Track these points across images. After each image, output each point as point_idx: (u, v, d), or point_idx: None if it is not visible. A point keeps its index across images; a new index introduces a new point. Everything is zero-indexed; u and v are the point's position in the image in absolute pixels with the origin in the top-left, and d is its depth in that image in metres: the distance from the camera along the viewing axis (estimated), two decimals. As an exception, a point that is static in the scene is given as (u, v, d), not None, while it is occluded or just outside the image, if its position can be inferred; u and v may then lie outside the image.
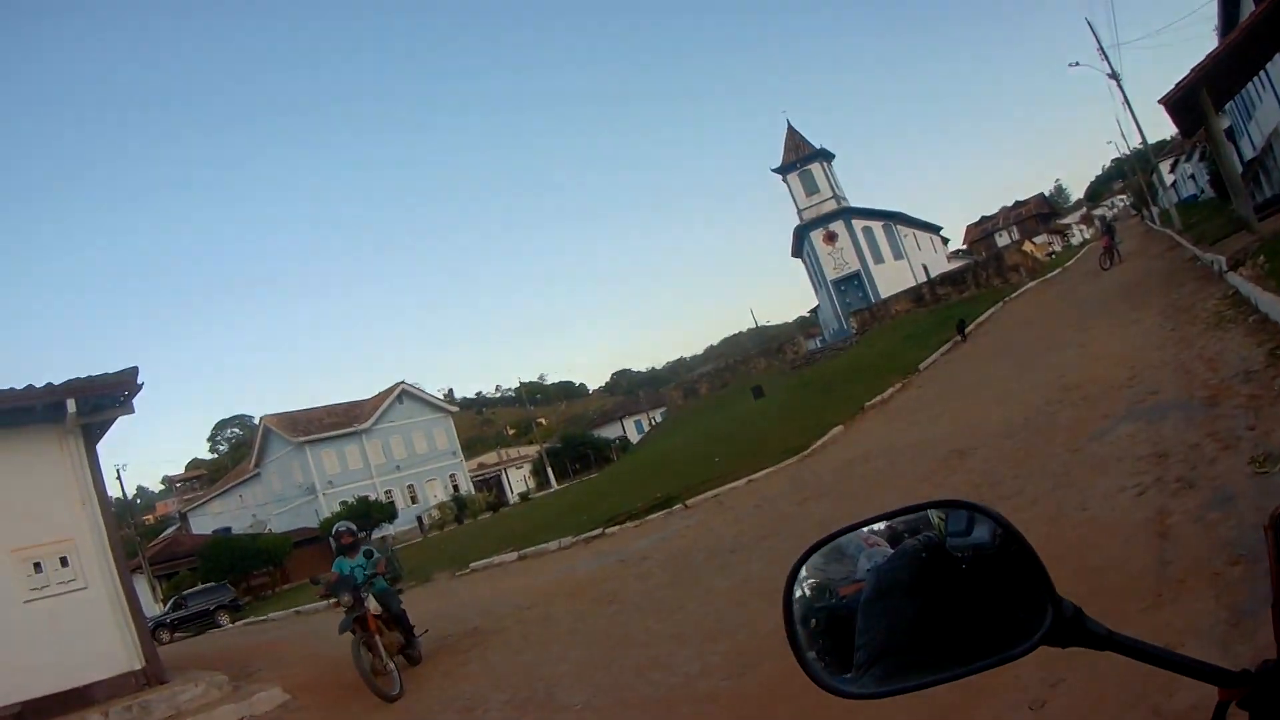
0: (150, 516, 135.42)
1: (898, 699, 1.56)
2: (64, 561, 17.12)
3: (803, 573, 1.82)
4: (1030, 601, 1.48)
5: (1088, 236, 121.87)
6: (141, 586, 27.34)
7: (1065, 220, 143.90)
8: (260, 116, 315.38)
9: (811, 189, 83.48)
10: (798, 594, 1.79)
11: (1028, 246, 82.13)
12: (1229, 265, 22.77)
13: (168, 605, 51.32)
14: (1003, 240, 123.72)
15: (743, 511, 21.70)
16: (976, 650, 1.50)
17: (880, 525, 1.75)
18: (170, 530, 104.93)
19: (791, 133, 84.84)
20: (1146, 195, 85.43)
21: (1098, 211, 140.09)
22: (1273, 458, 8.97)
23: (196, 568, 63.22)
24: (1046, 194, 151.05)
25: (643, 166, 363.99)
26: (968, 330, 45.65)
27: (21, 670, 15.94)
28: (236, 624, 43.49)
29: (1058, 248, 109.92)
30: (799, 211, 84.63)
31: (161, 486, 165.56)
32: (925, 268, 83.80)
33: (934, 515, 1.68)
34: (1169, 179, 65.55)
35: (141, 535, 79.68)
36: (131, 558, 23.13)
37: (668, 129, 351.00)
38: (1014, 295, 55.16)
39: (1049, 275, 61.72)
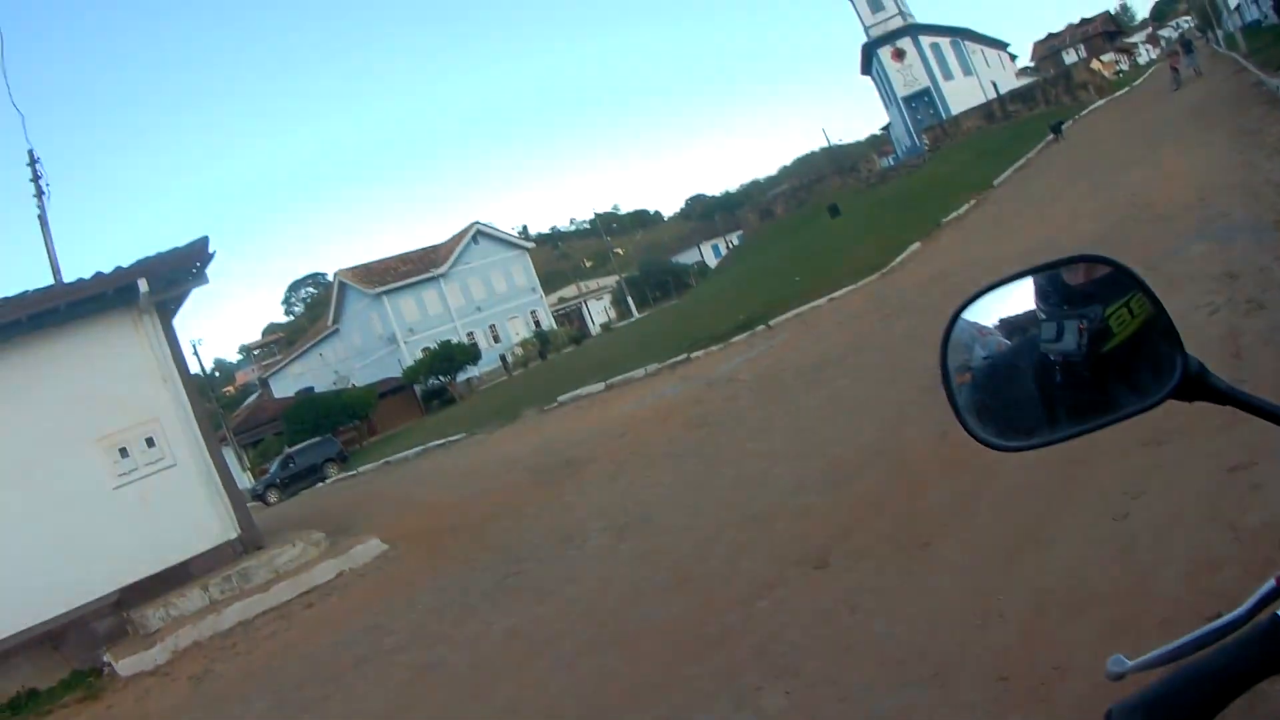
0: (231, 387, 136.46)
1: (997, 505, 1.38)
2: (150, 442, 17.26)
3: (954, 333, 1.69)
4: (1156, 359, 1.47)
5: (1154, 56, 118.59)
6: (229, 457, 27.78)
7: (1131, 39, 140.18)
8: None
9: (877, 6, 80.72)
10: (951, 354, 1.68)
11: (1095, 65, 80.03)
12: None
13: (275, 464, 51.88)
14: (1070, 58, 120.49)
15: (826, 329, 21.58)
16: (1108, 407, 1.51)
17: (1018, 283, 1.65)
18: (252, 398, 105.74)
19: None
20: (1211, 17, 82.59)
21: (1164, 32, 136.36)
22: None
23: (281, 431, 63.84)
24: (1112, 11, 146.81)
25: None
26: (1065, 127, 45.69)
27: (117, 556, 16.24)
28: (333, 479, 44.07)
29: (1125, 66, 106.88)
30: (865, 29, 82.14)
31: (240, 356, 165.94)
32: (994, 84, 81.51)
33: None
34: (1233, 2, 63.08)
35: (224, 406, 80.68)
36: (216, 430, 23.23)
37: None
38: (1083, 113, 53.96)
39: (1117, 94, 60.33)
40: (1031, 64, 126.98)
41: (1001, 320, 1.66)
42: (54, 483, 16.22)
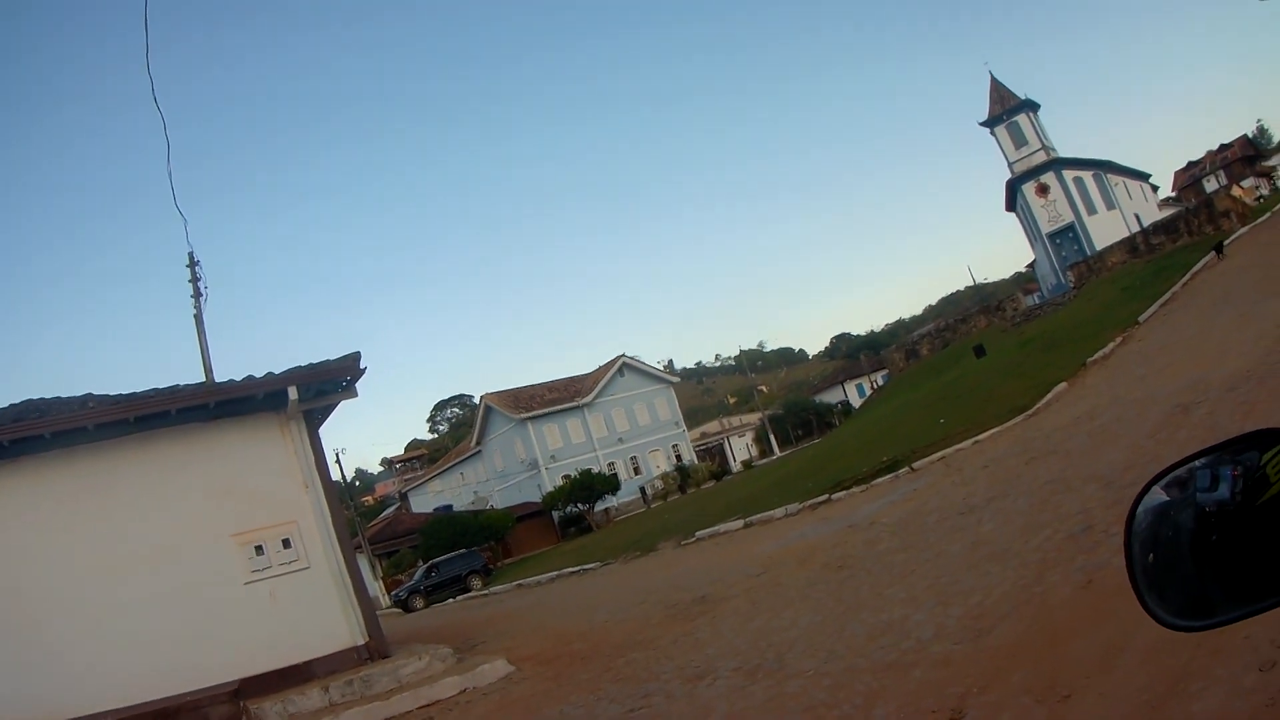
0: (370, 497, 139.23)
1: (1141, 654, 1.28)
2: (286, 543, 17.81)
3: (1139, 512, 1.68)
4: None
5: None
6: (363, 565, 28.37)
7: (1270, 162, 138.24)
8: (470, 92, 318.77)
9: (1020, 141, 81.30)
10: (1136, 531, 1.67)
11: (1236, 191, 78.98)
12: None
13: (420, 571, 53.06)
14: (1210, 185, 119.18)
15: (970, 472, 21.24)
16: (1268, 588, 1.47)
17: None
18: (390, 509, 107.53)
19: (995, 84, 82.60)
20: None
21: None
22: None
23: (417, 545, 64.74)
24: (1249, 135, 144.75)
25: (852, 126, 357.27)
26: (1226, 245, 46.16)
27: (241, 648, 16.68)
28: (474, 592, 44.36)
29: (1265, 191, 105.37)
30: (1009, 164, 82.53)
31: (381, 468, 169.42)
32: (1138, 217, 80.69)
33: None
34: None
35: (361, 515, 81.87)
36: (352, 537, 23.69)
37: (872, 82, 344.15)
38: (1228, 240, 53.06)
39: (1259, 220, 59.29)
40: (1173, 194, 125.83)
41: (1163, 474, 1.64)
42: (189, 571, 16.90)
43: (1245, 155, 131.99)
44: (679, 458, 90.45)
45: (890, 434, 36.69)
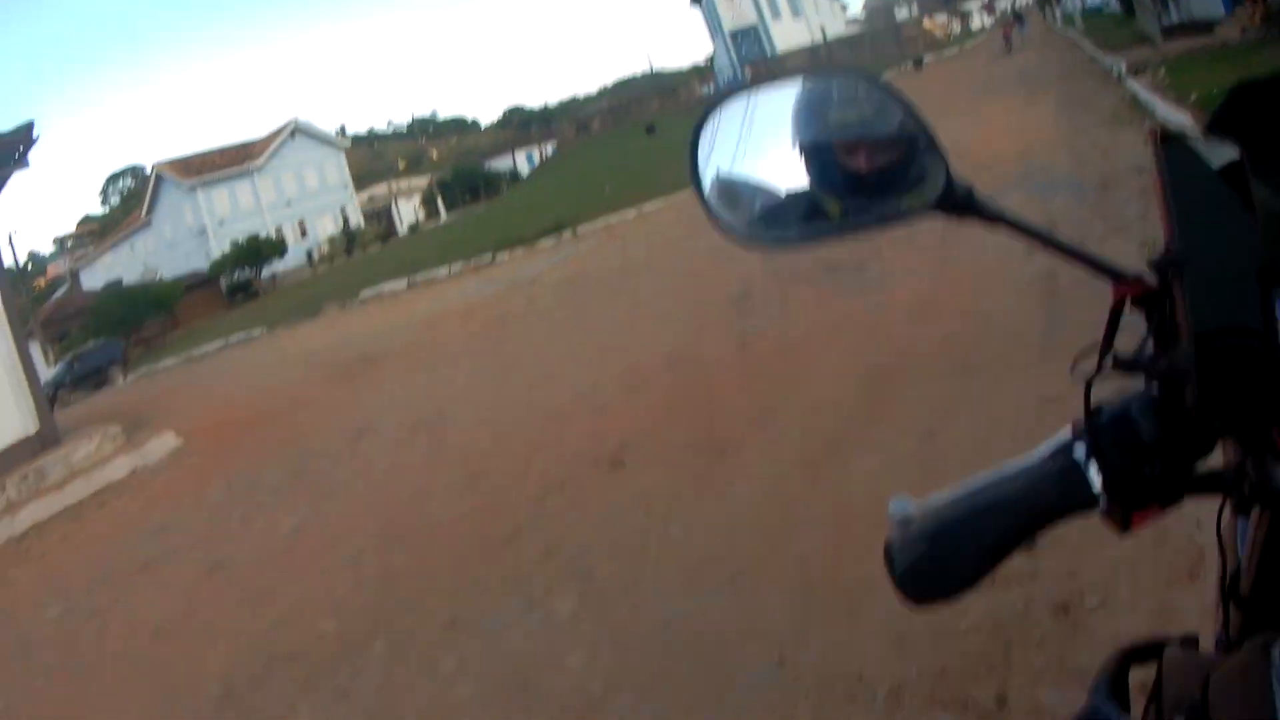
0: (41, 280, 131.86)
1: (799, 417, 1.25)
2: None
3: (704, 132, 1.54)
4: (921, 178, 1.39)
5: (988, 24, 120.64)
6: (34, 352, 26.91)
7: (967, 5, 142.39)
8: None
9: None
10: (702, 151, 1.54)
11: (927, 23, 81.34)
12: (1129, 70, 22.47)
13: (60, 365, 50.53)
14: (902, 13, 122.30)
15: (633, 240, 21.62)
16: (872, 210, 1.41)
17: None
18: (61, 290, 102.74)
19: None
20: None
21: (1001, 3, 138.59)
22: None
23: (88, 324, 61.68)
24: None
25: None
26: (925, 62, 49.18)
27: None
28: (129, 378, 43.05)
29: (957, 29, 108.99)
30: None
31: (53, 248, 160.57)
32: (823, 29, 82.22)
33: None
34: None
35: (33, 300, 78.07)
36: (24, 324, 22.73)
37: None
38: (911, 67, 54.82)
39: (946, 54, 61.31)
40: (862, 15, 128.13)
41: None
42: None
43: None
44: (346, 221, 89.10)
45: (557, 201, 36.87)
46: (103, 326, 56.32)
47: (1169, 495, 1.13)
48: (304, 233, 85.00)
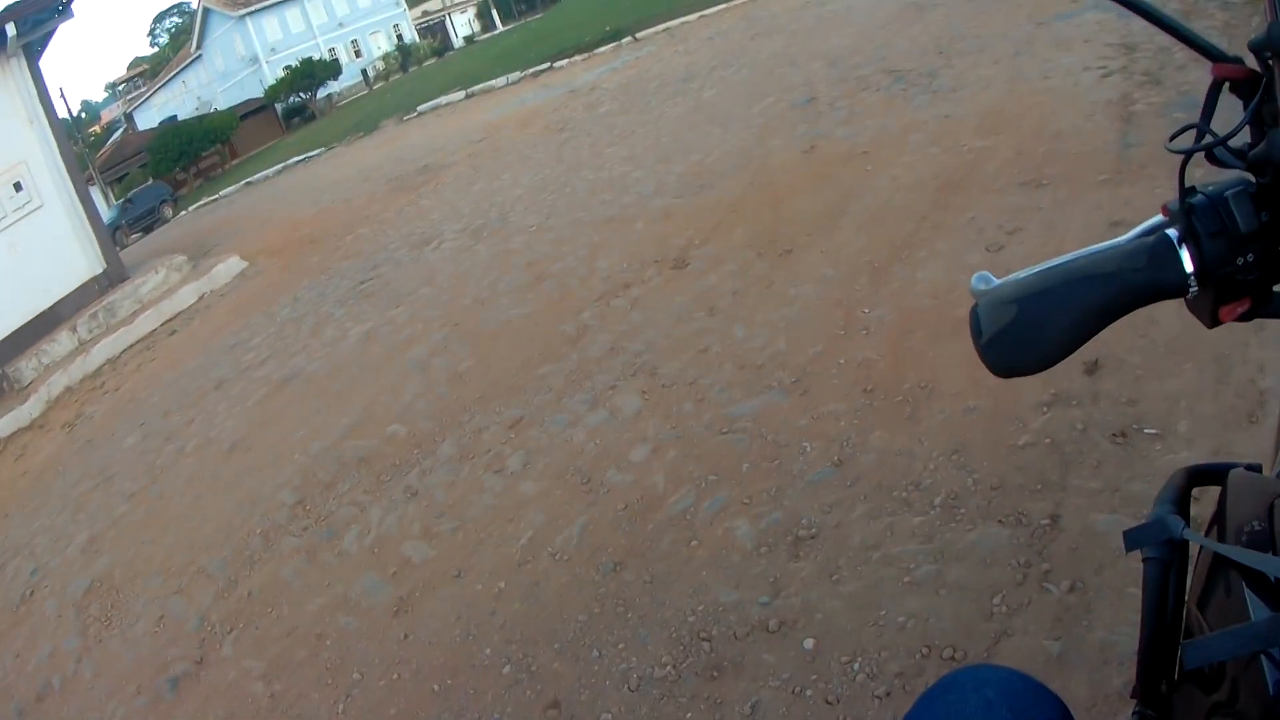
0: (97, 127, 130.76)
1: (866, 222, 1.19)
2: (17, 187, 16.63)
3: None
4: None
5: None
6: (96, 197, 27.12)
7: None
8: None
9: None
10: None
11: None
12: None
13: (113, 209, 50.41)
14: None
15: (695, 44, 21.12)
16: None
17: None
18: (117, 134, 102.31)
19: None
20: None
21: None
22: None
23: (146, 163, 61.58)
24: None
25: None
26: None
27: None
28: (185, 212, 43.20)
29: None
30: None
31: (106, 94, 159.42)
32: None
33: None
34: None
35: (90, 147, 77.80)
36: (83, 170, 22.73)
37: None
38: None
39: None
40: None
41: None
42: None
43: None
44: (400, 37, 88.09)
45: (616, 6, 36.16)
46: (161, 163, 56.48)
47: (1260, 288, 1.11)
48: (358, 53, 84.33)
